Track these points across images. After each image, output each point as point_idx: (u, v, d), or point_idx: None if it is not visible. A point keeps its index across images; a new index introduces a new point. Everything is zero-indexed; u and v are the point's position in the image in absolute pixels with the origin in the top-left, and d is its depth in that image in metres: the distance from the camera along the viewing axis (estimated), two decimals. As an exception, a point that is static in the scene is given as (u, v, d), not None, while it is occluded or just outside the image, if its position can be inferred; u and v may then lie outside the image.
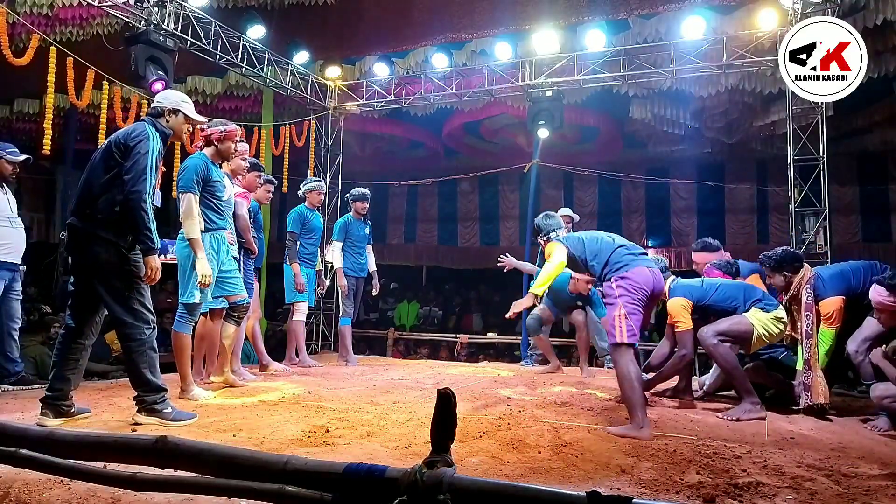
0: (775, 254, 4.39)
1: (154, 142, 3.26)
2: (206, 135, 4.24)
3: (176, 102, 3.52)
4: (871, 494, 2.31)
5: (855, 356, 4.01)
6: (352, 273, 6.38)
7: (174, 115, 3.50)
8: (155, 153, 3.25)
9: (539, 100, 8.10)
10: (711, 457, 2.76)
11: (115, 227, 3.24)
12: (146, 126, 3.33)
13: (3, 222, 4.55)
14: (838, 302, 4.12)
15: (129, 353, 3.31)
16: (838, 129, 9.25)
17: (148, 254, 3.24)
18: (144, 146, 3.21)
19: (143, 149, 3.20)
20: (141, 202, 3.17)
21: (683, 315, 4.14)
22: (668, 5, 7.61)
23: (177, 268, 4.18)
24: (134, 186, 3.16)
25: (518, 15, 8.06)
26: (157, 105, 3.51)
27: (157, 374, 3.35)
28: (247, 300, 4.64)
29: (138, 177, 3.17)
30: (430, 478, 1.36)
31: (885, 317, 3.71)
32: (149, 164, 3.20)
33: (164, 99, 3.54)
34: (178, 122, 3.52)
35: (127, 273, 3.27)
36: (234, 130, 4.34)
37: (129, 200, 3.16)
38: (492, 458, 2.66)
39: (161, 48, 6.25)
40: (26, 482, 2.14)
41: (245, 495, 1.55)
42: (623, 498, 1.24)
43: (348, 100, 9.13)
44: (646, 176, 12.17)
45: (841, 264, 4.56)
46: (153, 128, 3.34)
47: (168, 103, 3.50)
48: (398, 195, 14.47)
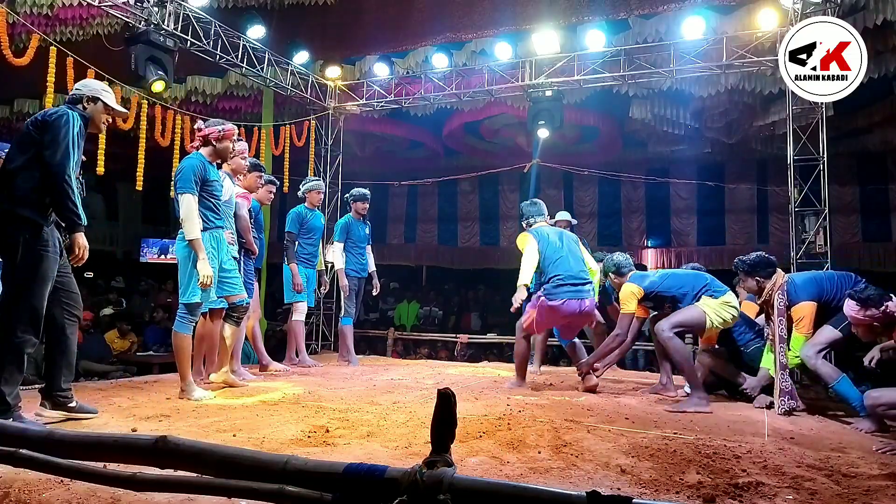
0: (749, 258, 4.47)
1: (75, 120, 3.16)
2: (204, 135, 4.21)
3: (96, 91, 3.44)
4: (871, 494, 2.31)
5: (807, 360, 4.06)
6: (353, 273, 6.39)
7: (93, 103, 3.40)
8: (76, 130, 3.14)
9: (539, 100, 8.10)
10: (711, 457, 2.76)
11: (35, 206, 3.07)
12: (65, 108, 3.25)
13: None
14: (810, 307, 4.15)
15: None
16: (838, 129, 9.25)
17: (73, 230, 3.10)
18: (64, 121, 3.11)
19: (61, 123, 3.10)
20: (64, 175, 3.03)
21: (629, 300, 4.56)
22: (668, 5, 7.61)
23: (177, 267, 4.18)
24: (55, 159, 3.03)
25: (518, 15, 8.06)
26: (76, 92, 3.41)
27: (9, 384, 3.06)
28: (246, 300, 4.63)
29: (59, 150, 3.05)
30: (431, 478, 1.36)
31: (861, 330, 3.72)
32: (70, 139, 3.08)
33: (84, 87, 3.46)
34: (96, 109, 3.41)
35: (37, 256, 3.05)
36: (232, 130, 4.31)
37: (51, 174, 3.03)
38: (492, 458, 2.66)
39: (161, 48, 6.25)
40: (26, 482, 2.14)
41: (245, 495, 1.54)
42: (623, 498, 1.24)
43: (348, 100, 9.13)
44: (646, 176, 12.17)
45: (815, 272, 4.62)
46: (75, 111, 3.25)
47: (87, 90, 3.42)
48: (398, 195, 14.47)
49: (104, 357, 8.03)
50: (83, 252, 3.12)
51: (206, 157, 4.20)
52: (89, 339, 8.12)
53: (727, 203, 12.63)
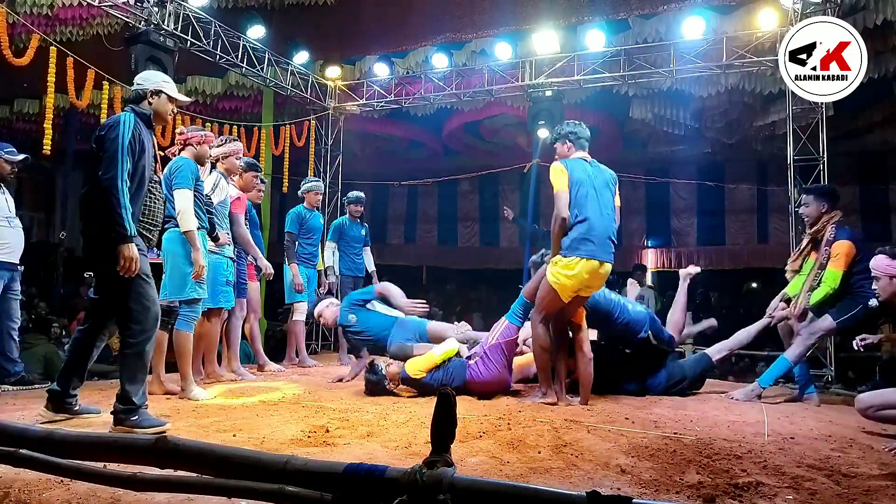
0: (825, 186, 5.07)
1: (126, 125, 3.14)
2: (185, 138, 4.31)
3: (158, 83, 3.39)
4: (871, 494, 2.31)
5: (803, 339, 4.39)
6: (348, 273, 6.51)
7: (156, 97, 3.37)
8: (127, 136, 3.12)
9: (539, 100, 8.10)
10: (711, 457, 2.76)
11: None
12: (121, 114, 3.25)
13: (1, 222, 4.55)
14: (849, 246, 4.37)
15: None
16: (838, 129, 9.24)
17: (119, 242, 3.06)
18: (114, 131, 3.11)
19: (111, 134, 3.11)
20: (112, 188, 3.04)
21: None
22: (668, 5, 7.61)
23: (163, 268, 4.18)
24: (106, 173, 3.06)
25: (518, 15, 8.06)
26: (139, 87, 3.37)
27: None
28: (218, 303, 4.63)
29: (109, 163, 3.07)
30: (430, 478, 1.36)
31: (882, 282, 3.71)
32: (119, 147, 3.08)
33: (145, 80, 3.41)
34: (160, 102, 3.37)
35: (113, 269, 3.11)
36: (211, 137, 4.46)
37: (103, 189, 3.06)
38: (492, 458, 2.66)
39: (161, 48, 6.25)
40: (26, 482, 2.14)
41: (245, 495, 1.55)
42: (623, 498, 1.24)
43: (348, 100, 9.13)
44: (646, 176, 12.17)
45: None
46: (131, 113, 3.23)
47: (150, 84, 3.37)
48: (398, 195, 14.47)
49: (104, 357, 8.01)
50: (128, 264, 3.07)
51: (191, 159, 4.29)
52: (89, 339, 8.12)
53: (727, 203, 12.62)
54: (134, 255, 3.08)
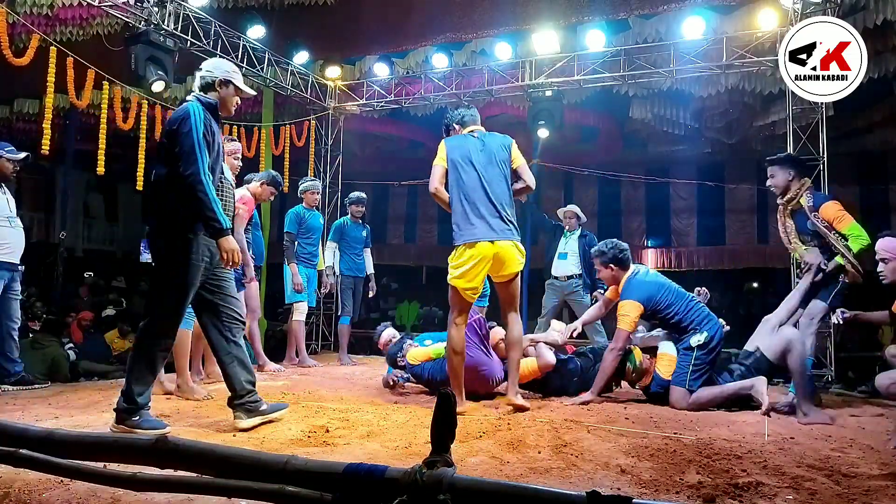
0: (788, 153, 4.75)
1: (196, 117, 3.04)
2: None
3: (228, 73, 3.28)
4: (871, 494, 2.31)
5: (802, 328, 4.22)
6: (348, 273, 6.52)
7: (224, 87, 3.25)
8: (201, 129, 3.02)
9: (539, 100, 8.10)
10: (711, 457, 2.76)
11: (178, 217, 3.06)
12: (187, 105, 3.14)
13: (2, 222, 4.54)
14: (838, 204, 4.32)
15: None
16: (838, 129, 9.25)
17: (217, 236, 3.03)
18: (185, 125, 3.02)
19: (184, 128, 3.02)
20: (197, 183, 2.96)
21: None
22: (668, 5, 7.61)
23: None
24: (187, 169, 2.98)
25: (518, 15, 8.06)
26: (207, 76, 3.24)
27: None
28: None
29: (187, 158, 2.98)
30: (430, 478, 1.36)
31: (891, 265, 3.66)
32: (194, 141, 2.99)
33: (215, 69, 3.28)
34: (228, 93, 3.27)
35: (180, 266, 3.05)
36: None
37: (187, 186, 2.97)
38: (492, 458, 2.66)
39: (161, 48, 6.25)
40: (26, 482, 2.14)
41: (245, 495, 1.54)
42: (623, 498, 1.24)
43: (348, 100, 9.13)
44: (646, 176, 12.18)
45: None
46: (197, 103, 3.14)
47: (220, 73, 3.25)
48: (398, 195, 14.47)
49: (104, 357, 8.02)
50: (232, 255, 3.03)
51: None
52: (89, 339, 8.12)
53: (727, 203, 12.64)
54: (234, 246, 3.04)
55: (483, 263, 3.77)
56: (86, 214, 15.60)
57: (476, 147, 3.86)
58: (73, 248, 12.00)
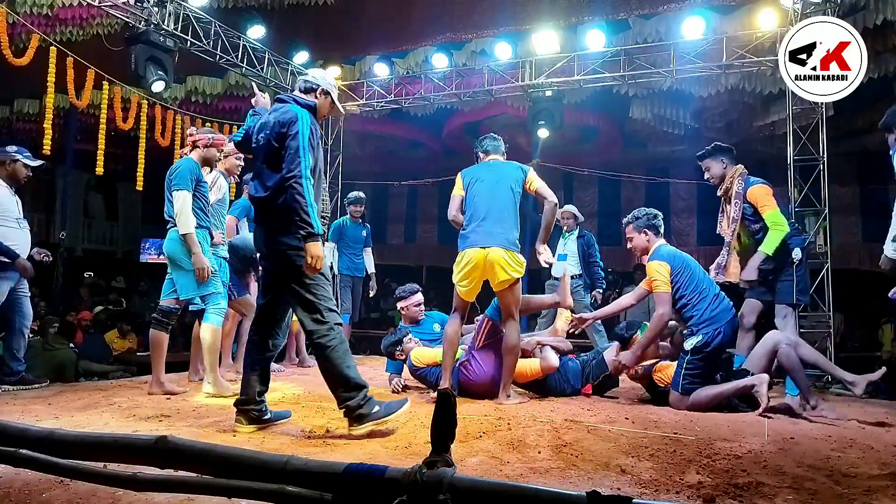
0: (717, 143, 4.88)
1: (305, 121, 3.09)
2: (194, 140, 4.37)
3: (331, 86, 3.36)
4: (871, 494, 2.31)
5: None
6: (347, 272, 6.57)
7: (324, 96, 3.32)
8: (307, 131, 3.06)
9: (539, 100, 8.11)
10: (711, 457, 2.76)
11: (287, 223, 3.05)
12: (297, 109, 3.14)
13: (10, 223, 4.59)
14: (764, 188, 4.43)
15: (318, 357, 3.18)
16: (838, 129, 9.25)
17: (306, 240, 3.01)
18: (295, 127, 3.04)
19: (292, 130, 3.04)
20: (297, 185, 2.97)
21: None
22: (668, 5, 7.62)
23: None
24: (289, 172, 3.00)
25: (518, 15, 8.06)
26: (312, 82, 3.32)
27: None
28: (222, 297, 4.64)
29: (292, 159, 3.01)
30: (431, 478, 1.36)
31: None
32: (301, 143, 3.02)
33: (322, 79, 3.35)
34: (325, 103, 3.33)
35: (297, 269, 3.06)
36: (221, 140, 4.48)
37: (287, 187, 2.99)
38: (492, 458, 2.66)
39: (161, 48, 6.26)
40: (26, 482, 2.14)
41: (245, 495, 1.54)
42: (623, 498, 1.24)
43: (348, 100, 9.13)
44: (646, 176, 12.17)
45: None
46: (298, 105, 3.18)
47: (324, 84, 3.33)
48: (398, 195, 14.46)
49: (104, 357, 8.02)
50: (315, 262, 3.01)
51: (195, 160, 4.33)
52: (89, 339, 8.12)
53: (727, 203, 12.61)
54: (320, 253, 3.03)
55: (475, 268, 4.15)
56: (85, 214, 15.61)
57: (489, 168, 4.30)
58: (73, 247, 11.98)
